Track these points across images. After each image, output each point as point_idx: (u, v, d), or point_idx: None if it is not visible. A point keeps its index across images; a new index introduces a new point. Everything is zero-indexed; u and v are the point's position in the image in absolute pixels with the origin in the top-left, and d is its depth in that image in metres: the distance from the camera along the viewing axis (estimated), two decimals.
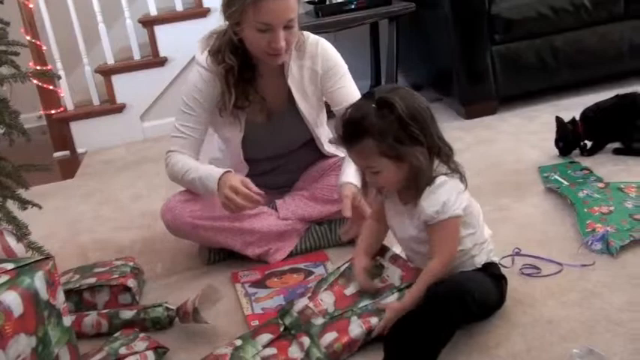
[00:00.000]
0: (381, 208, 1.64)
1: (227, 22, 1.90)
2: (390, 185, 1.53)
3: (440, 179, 1.47)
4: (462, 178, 1.50)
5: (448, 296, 1.41)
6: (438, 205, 1.45)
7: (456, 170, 1.49)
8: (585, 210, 2.00)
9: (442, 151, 1.48)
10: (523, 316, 1.55)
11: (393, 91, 1.47)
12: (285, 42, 1.86)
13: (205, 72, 1.97)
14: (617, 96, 2.51)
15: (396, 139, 1.42)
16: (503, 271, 1.63)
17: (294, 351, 1.52)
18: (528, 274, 1.74)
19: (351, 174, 1.92)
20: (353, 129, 1.45)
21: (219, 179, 1.89)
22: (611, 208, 1.99)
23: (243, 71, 1.95)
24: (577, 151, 2.54)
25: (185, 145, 2.02)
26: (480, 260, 1.55)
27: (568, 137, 2.50)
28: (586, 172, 2.32)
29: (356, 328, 1.51)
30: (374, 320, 1.52)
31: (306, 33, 2.06)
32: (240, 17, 1.84)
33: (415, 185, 1.48)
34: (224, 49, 1.93)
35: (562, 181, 2.26)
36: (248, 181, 1.90)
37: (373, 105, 1.44)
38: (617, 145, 2.49)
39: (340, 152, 2.10)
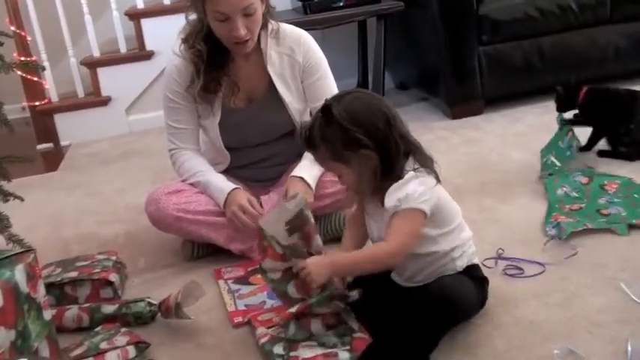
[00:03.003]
0: (357, 213, 1.62)
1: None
2: (352, 187, 1.52)
3: (407, 175, 1.44)
4: (432, 174, 1.46)
5: (436, 303, 1.41)
6: (400, 196, 1.42)
7: (425, 166, 1.46)
8: (557, 206, 2.08)
9: (409, 151, 1.46)
10: (505, 316, 1.56)
11: (342, 96, 1.48)
12: (246, 30, 1.88)
13: (179, 59, 2.01)
14: (625, 89, 2.52)
15: (343, 144, 1.42)
16: (486, 271, 1.64)
17: None
18: (511, 275, 1.75)
19: (304, 166, 2.00)
20: (306, 137, 1.48)
21: (228, 195, 1.97)
22: (582, 206, 2.07)
23: (214, 56, 1.97)
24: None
25: (183, 139, 2.09)
26: (461, 264, 1.53)
27: (562, 102, 2.51)
28: (574, 145, 2.39)
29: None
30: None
31: (283, 24, 2.08)
32: (202, 8, 1.89)
33: (378, 186, 1.46)
34: (194, 36, 1.96)
35: (555, 162, 2.33)
36: (254, 201, 1.97)
37: (320, 113, 1.45)
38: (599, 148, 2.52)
39: None
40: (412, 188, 1.42)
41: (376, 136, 1.42)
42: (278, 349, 1.49)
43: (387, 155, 1.44)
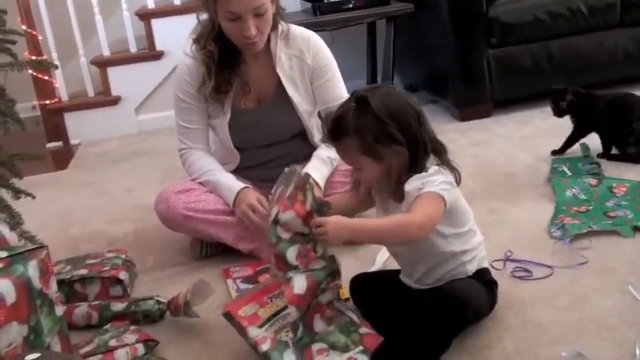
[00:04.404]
0: (364, 195, 1.60)
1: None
2: (373, 182, 1.52)
3: (432, 169, 1.44)
4: (455, 173, 1.47)
5: (447, 305, 1.41)
6: (423, 181, 1.41)
7: (448, 165, 1.47)
8: (564, 208, 2.09)
9: (433, 149, 1.46)
10: (513, 319, 1.56)
11: (375, 89, 1.48)
12: (256, 30, 1.89)
13: (190, 60, 2.02)
14: (612, 94, 2.53)
15: (375, 137, 1.41)
16: (494, 273, 1.64)
17: None
18: (519, 277, 1.75)
19: (313, 166, 2.00)
20: (334, 127, 1.46)
21: (237, 194, 1.98)
22: (590, 208, 2.07)
23: (225, 57, 1.98)
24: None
25: (193, 139, 2.10)
26: (471, 268, 1.53)
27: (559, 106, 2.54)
28: (595, 166, 2.37)
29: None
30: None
31: (293, 26, 2.09)
32: (214, 8, 1.90)
33: (401, 183, 1.45)
34: (206, 36, 1.97)
35: (567, 172, 2.33)
36: (264, 200, 1.96)
37: (353, 103, 1.44)
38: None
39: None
40: (435, 178, 1.42)
41: (408, 132, 1.42)
42: (290, 357, 1.44)
43: (416, 152, 1.43)
